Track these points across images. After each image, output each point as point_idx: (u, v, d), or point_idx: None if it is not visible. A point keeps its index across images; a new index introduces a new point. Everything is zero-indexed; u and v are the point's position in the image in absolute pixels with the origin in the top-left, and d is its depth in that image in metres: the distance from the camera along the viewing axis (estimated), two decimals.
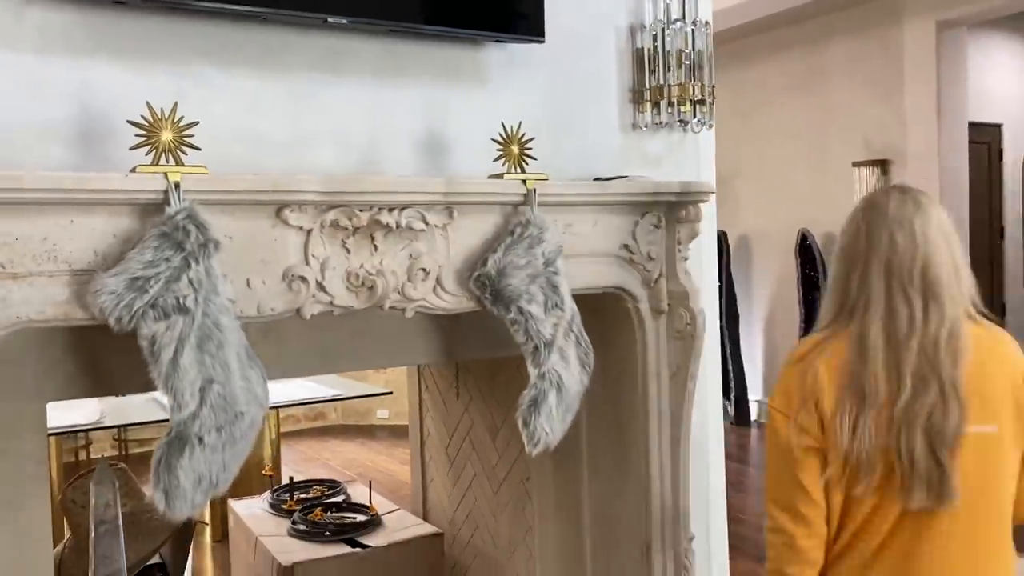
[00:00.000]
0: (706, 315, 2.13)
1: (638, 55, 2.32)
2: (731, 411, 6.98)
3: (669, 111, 2.28)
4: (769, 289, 6.89)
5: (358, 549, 2.44)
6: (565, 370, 1.84)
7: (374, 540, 2.50)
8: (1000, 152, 6.27)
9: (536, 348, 1.81)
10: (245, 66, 1.82)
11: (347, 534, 2.52)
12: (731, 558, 3.64)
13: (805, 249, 6.27)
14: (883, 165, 5.90)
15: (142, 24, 1.72)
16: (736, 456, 6.47)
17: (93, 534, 1.78)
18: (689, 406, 2.11)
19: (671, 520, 2.09)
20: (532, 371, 1.82)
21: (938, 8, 5.49)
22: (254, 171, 1.74)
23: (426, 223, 1.75)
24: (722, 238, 6.96)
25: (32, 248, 1.42)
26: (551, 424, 1.81)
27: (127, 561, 1.76)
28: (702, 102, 2.29)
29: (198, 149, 1.51)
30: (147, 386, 1.57)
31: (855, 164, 6.01)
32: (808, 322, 6.26)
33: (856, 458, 1.39)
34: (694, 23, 2.27)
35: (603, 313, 2.08)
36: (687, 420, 2.11)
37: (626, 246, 2.03)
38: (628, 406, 2.10)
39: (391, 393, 4.74)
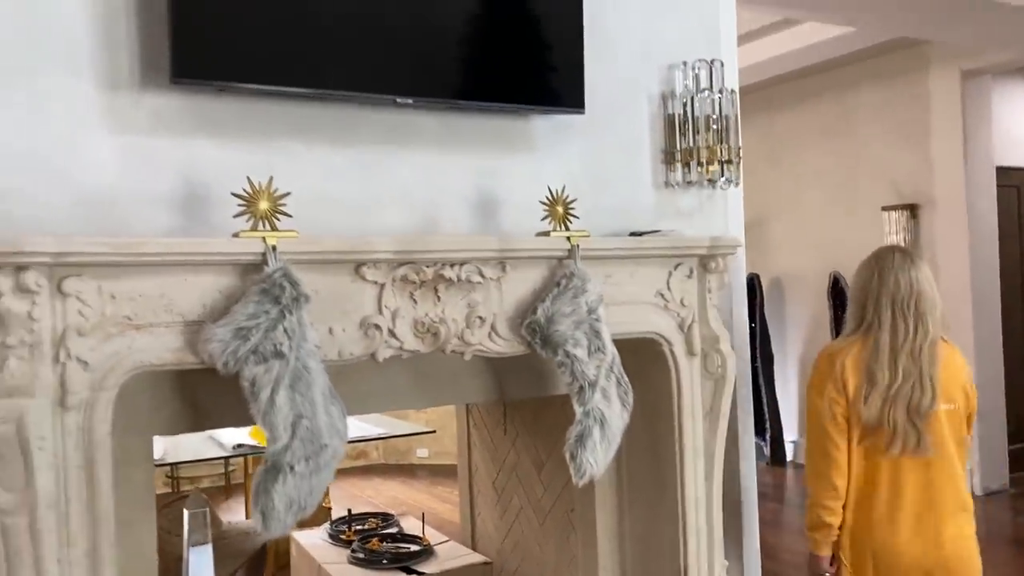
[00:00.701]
0: (736, 357, 2.33)
1: (669, 120, 2.55)
2: (766, 451, 7.06)
3: (699, 170, 2.50)
4: (802, 330, 7.01)
5: (413, 575, 2.63)
6: (607, 408, 2.04)
7: (428, 568, 2.69)
8: None
9: (581, 388, 2.02)
10: (325, 140, 2.08)
11: (403, 562, 2.72)
12: None
13: (837, 291, 6.39)
14: (912, 209, 6.05)
15: (237, 107, 2.00)
16: (772, 496, 6.55)
17: (187, 553, 2.00)
18: (721, 442, 2.30)
19: (705, 548, 2.26)
20: (578, 409, 2.02)
21: (963, 58, 5.67)
22: (332, 231, 1.99)
23: (482, 276, 1.98)
24: (755, 280, 7.11)
25: (152, 303, 1.67)
26: (595, 457, 2.01)
27: None
28: (729, 162, 2.51)
29: (290, 216, 1.77)
30: (241, 421, 1.82)
31: (884, 208, 6.16)
32: None
33: (865, 421, 2.14)
34: (720, 91, 2.50)
35: (641, 355, 2.28)
36: (719, 455, 2.29)
37: (661, 294, 2.24)
38: (664, 441, 2.28)
39: (434, 432, 4.94)
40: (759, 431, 7.15)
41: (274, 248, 1.71)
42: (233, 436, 4.09)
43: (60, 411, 1.59)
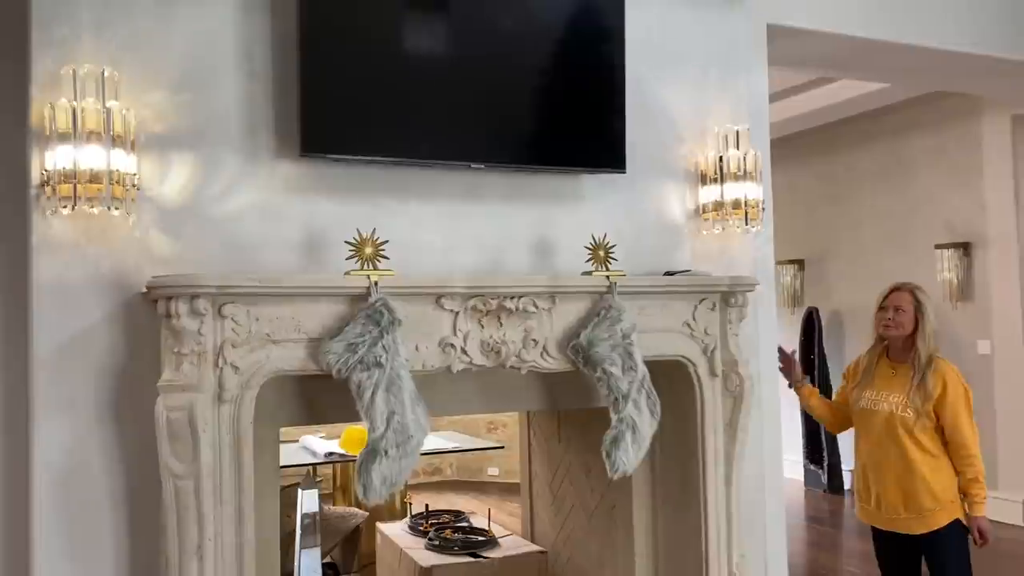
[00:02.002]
0: (760, 378, 2.75)
1: (701, 176, 3.00)
2: (824, 479, 7.28)
3: (727, 220, 2.94)
4: None
5: (480, 559, 3.10)
6: (638, 416, 2.49)
7: (492, 554, 3.15)
8: None
9: (616, 399, 2.48)
10: (414, 197, 2.62)
11: (471, 549, 3.19)
12: None
13: None
14: (965, 247, 6.27)
15: (347, 172, 2.55)
16: (829, 521, 6.78)
17: (300, 525, 2.53)
18: (741, 451, 2.71)
19: (724, 541, 2.67)
20: (613, 416, 2.48)
21: (1014, 104, 5.90)
22: (420, 270, 2.51)
23: (536, 307, 2.46)
24: (814, 314, 7.40)
25: (285, 324, 2.21)
26: (627, 456, 2.46)
27: None
28: (753, 210, 2.94)
29: (387, 258, 2.29)
30: (343, 418, 2.34)
31: (937, 246, 6.40)
32: None
33: None
34: (745, 153, 2.94)
35: (671, 376, 2.72)
36: (738, 462, 2.70)
37: (687, 324, 2.68)
38: (690, 450, 2.70)
39: (503, 447, 5.41)
40: (816, 460, 7.39)
41: (376, 283, 2.23)
42: (325, 446, 4.64)
43: (218, 404, 2.14)
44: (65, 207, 2.17)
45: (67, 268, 2.24)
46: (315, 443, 5.06)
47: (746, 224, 2.93)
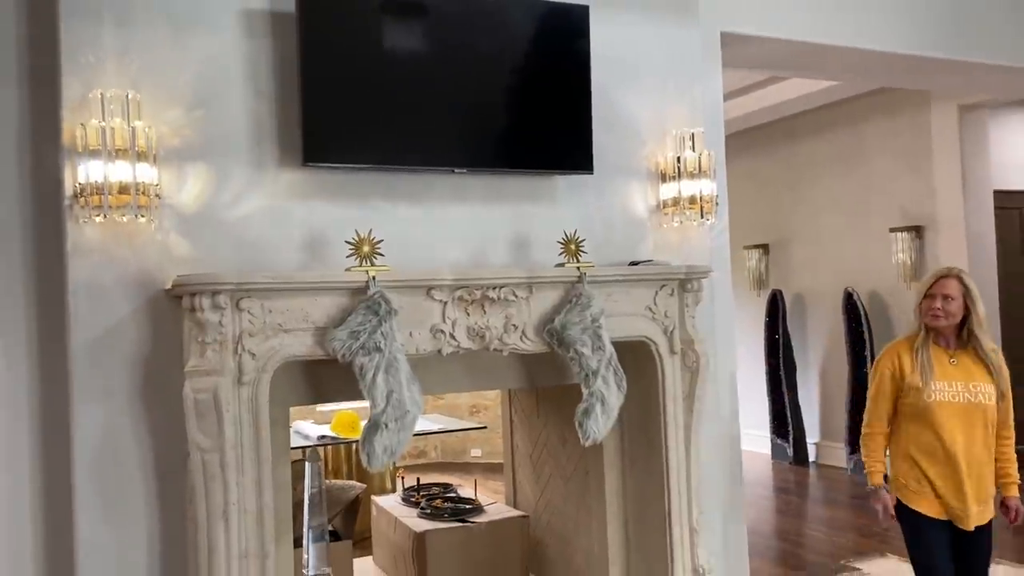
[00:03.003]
0: (716, 354, 3.08)
1: (661, 174, 3.33)
2: (790, 451, 7.70)
3: (684, 213, 3.27)
4: (822, 341, 7.63)
5: (468, 524, 3.43)
6: (607, 390, 2.82)
7: (478, 520, 3.49)
8: None
9: (587, 376, 2.80)
10: (405, 199, 2.92)
11: (459, 515, 3.52)
12: (782, 568, 4.55)
13: (851, 306, 7.02)
14: (917, 230, 6.67)
15: (345, 178, 2.85)
16: (795, 492, 7.20)
17: (307, 494, 2.84)
18: (698, 420, 3.05)
19: (685, 499, 3.02)
20: (584, 391, 2.81)
21: (961, 95, 6.29)
22: (411, 265, 2.82)
23: (515, 296, 2.78)
24: (778, 296, 7.78)
25: (295, 315, 2.52)
26: (597, 425, 2.79)
27: None
28: (707, 205, 3.27)
29: (383, 255, 2.60)
30: (344, 397, 2.64)
31: (892, 230, 6.79)
32: (855, 371, 6.99)
33: None
34: (700, 154, 3.27)
35: (637, 354, 3.06)
36: (696, 430, 3.04)
37: (649, 308, 3.01)
38: (653, 419, 3.04)
39: (485, 427, 5.74)
40: (783, 434, 7.81)
41: (374, 278, 2.54)
42: (316, 430, 4.94)
43: (238, 386, 2.44)
44: (97, 216, 2.45)
45: (98, 270, 2.53)
46: (307, 427, 5.36)
47: (701, 217, 3.26)
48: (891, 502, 2.82)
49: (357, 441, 2.63)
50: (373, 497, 4.03)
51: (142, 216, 2.50)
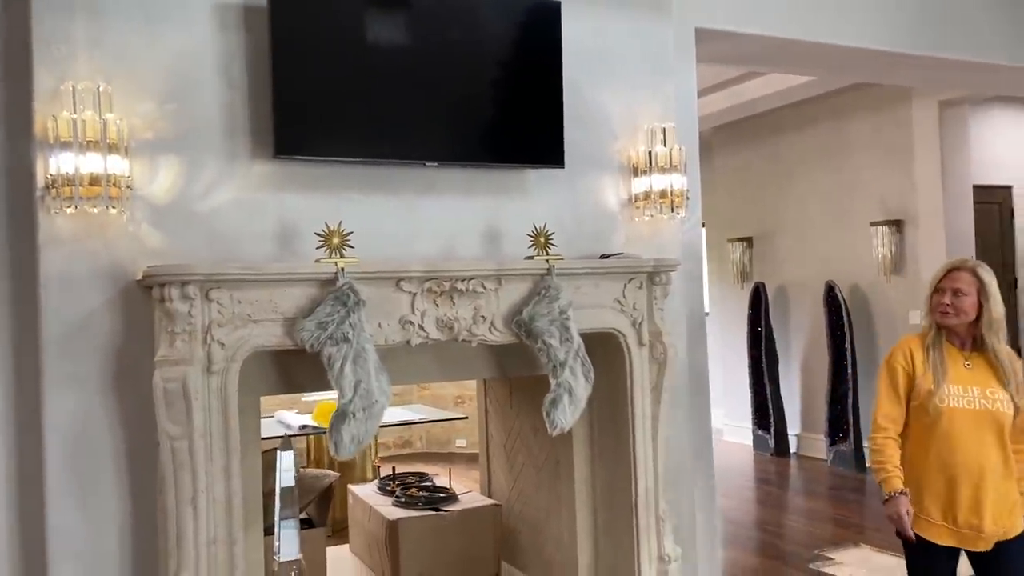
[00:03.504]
0: (687, 346, 3.12)
1: (633, 168, 3.37)
2: (771, 443, 7.77)
3: (655, 207, 3.31)
4: (805, 333, 7.70)
5: (440, 513, 3.48)
6: (574, 381, 2.87)
7: (452, 508, 3.54)
8: (1011, 211, 6.99)
9: (555, 367, 2.85)
10: (377, 191, 2.96)
11: (433, 504, 3.57)
12: (757, 557, 4.62)
13: (832, 299, 7.08)
14: (897, 224, 6.73)
15: (317, 170, 2.88)
16: (775, 482, 7.28)
17: (279, 483, 2.88)
18: (666, 410, 3.10)
19: (652, 489, 3.07)
20: (552, 381, 2.86)
21: (941, 91, 6.34)
22: (383, 256, 2.85)
23: (484, 288, 2.83)
24: (761, 288, 7.84)
25: (264, 306, 2.55)
26: (564, 415, 2.84)
27: None
28: (678, 199, 3.31)
29: (352, 247, 2.64)
30: (315, 387, 2.68)
31: (872, 224, 6.85)
32: (836, 364, 7.05)
33: None
34: (671, 149, 3.31)
35: (606, 345, 3.10)
36: (664, 420, 3.09)
37: (618, 300, 3.06)
38: (622, 409, 3.09)
39: (466, 417, 5.80)
40: (764, 426, 7.88)
41: (343, 270, 2.58)
42: (299, 419, 4.99)
43: (207, 375, 2.48)
44: (68, 207, 2.48)
45: (70, 261, 2.56)
46: (290, 417, 5.41)
47: (672, 211, 3.30)
48: (909, 507, 2.50)
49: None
50: (350, 486, 4.08)
51: (113, 208, 2.53)
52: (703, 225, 9.58)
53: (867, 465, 6.72)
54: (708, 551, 3.66)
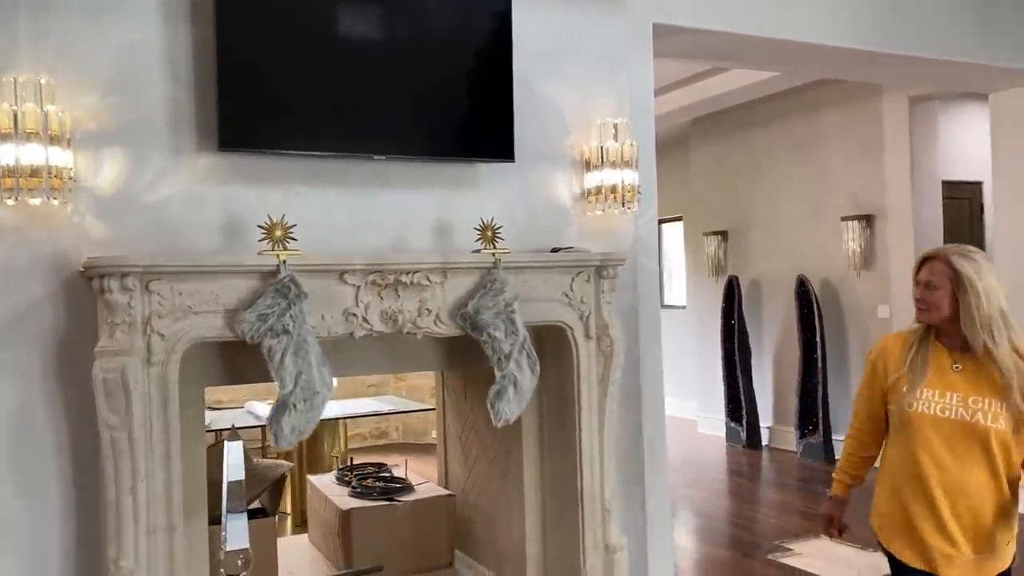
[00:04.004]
0: (640, 339, 3.15)
1: (585, 163, 3.39)
2: (743, 435, 7.83)
3: (607, 202, 3.34)
4: (777, 327, 7.76)
5: (394, 502, 3.51)
6: (520, 373, 2.90)
7: (406, 498, 3.57)
8: (981, 207, 7.04)
9: (499, 359, 2.88)
10: (324, 184, 2.97)
11: (388, 494, 3.60)
12: (714, 547, 4.67)
13: (803, 292, 7.13)
14: (868, 219, 6.78)
15: (262, 163, 2.90)
16: (747, 475, 7.34)
17: (226, 477, 2.90)
18: (612, 403, 3.13)
19: (598, 479, 3.11)
20: (497, 374, 2.89)
21: (911, 86, 6.38)
22: (330, 249, 2.87)
23: (429, 281, 2.85)
24: (734, 282, 7.89)
25: (205, 297, 2.57)
26: (508, 407, 2.87)
27: None
28: (629, 194, 3.34)
29: (295, 240, 2.65)
30: (259, 378, 2.71)
31: (843, 218, 6.90)
32: (806, 357, 7.11)
33: None
34: (623, 144, 3.33)
35: (554, 338, 3.14)
36: (610, 412, 3.13)
37: (566, 294, 3.08)
38: (569, 402, 3.13)
39: (433, 409, 5.82)
40: (736, 418, 7.94)
41: (284, 262, 2.60)
42: (268, 410, 5.00)
43: (147, 366, 2.50)
44: (9, 199, 2.49)
45: (13, 252, 2.58)
46: (259, 408, 5.43)
47: (623, 206, 3.33)
48: (837, 513, 2.41)
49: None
50: (309, 476, 4.11)
51: (55, 199, 2.54)
52: (680, 219, 9.62)
53: (836, 458, 6.78)
54: (660, 542, 3.70)
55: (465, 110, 3.11)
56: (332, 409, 5.96)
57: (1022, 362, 2.13)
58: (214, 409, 6.45)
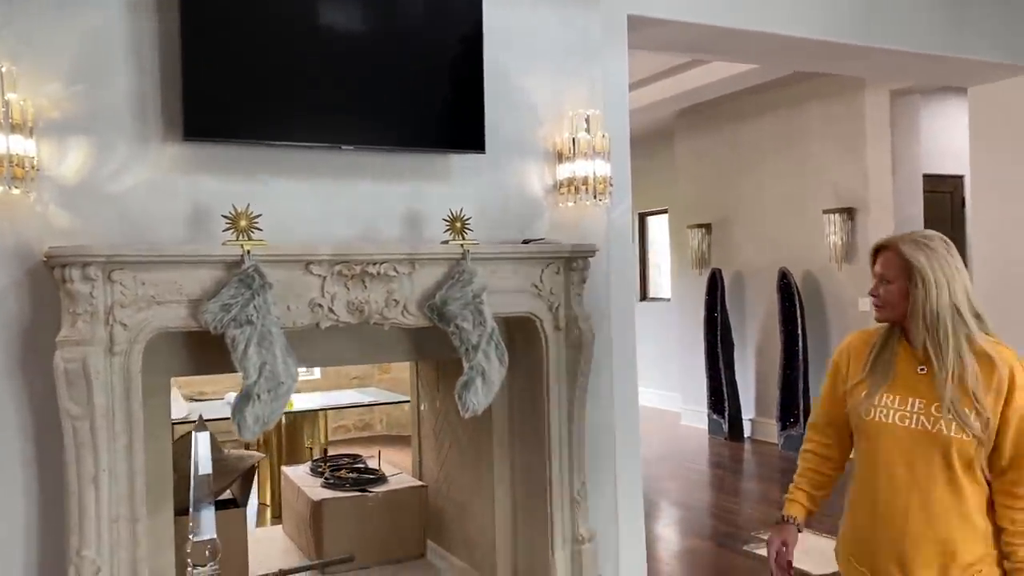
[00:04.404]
0: (612, 331, 3.15)
1: (558, 155, 3.39)
2: (725, 427, 7.86)
3: (579, 194, 3.33)
4: (759, 320, 7.78)
5: (367, 493, 3.52)
6: (488, 364, 2.90)
7: (378, 489, 3.58)
8: (963, 200, 7.06)
9: (467, 350, 2.88)
10: (292, 175, 2.96)
11: (361, 486, 3.60)
12: (692, 538, 4.68)
13: (785, 285, 7.15)
14: (849, 212, 6.80)
15: (229, 153, 2.88)
16: (729, 467, 7.37)
17: (194, 468, 2.90)
18: (582, 393, 3.14)
19: (567, 470, 3.11)
20: (465, 365, 2.89)
21: (893, 80, 6.39)
22: (299, 239, 2.86)
23: (397, 271, 2.85)
24: (717, 275, 7.90)
25: (169, 287, 2.56)
26: (476, 398, 2.87)
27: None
28: (602, 186, 3.34)
29: (261, 230, 2.65)
30: (225, 368, 2.70)
31: (825, 211, 6.91)
32: (787, 350, 7.13)
33: None
34: (595, 135, 3.33)
35: (524, 330, 3.14)
36: (580, 403, 3.13)
37: (535, 285, 3.09)
38: (539, 393, 3.13)
39: (408, 401, 5.83)
40: (719, 410, 7.97)
41: (248, 252, 2.59)
42: None
43: (109, 356, 2.49)
44: None
45: None
46: None
47: (595, 198, 3.33)
48: (788, 539, 2.06)
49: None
50: (283, 468, 4.11)
51: (17, 188, 2.52)
52: (666, 212, 9.62)
53: None
54: (632, 534, 3.71)
55: (435, 101, 3.10)
56: (313, 401, 5.97)
57: (979, 367, 1.83)
58: (197, 400, 6.45)
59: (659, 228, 9.61)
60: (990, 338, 1.89)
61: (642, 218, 9.59)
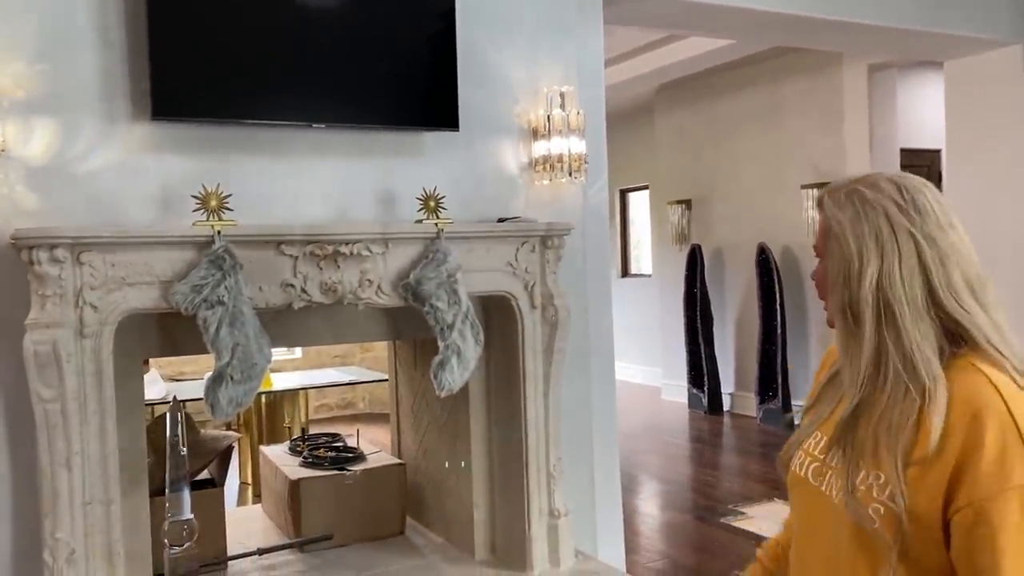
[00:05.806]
0: (589, 310, 3.16)
1: (533, 132, 3.37)
2: (704, 401, 7.93)
3: (554, 171, 3.33)
4: (739, 295, 7.83)
5: (344, 472, 3.52)
6: (463, 343, 2.90)
7: (357, 467, 3.58)
8: (940, 174, 7.10)
9: (442, 329, 2.88)
10: (263, 153, 2.94)
11: (340, 464, 3.61)
12: (671, 511, 4.72)
13: (763, 261, 7.20)
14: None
15: (198, 132, 2.85)
16: (708, 441, 7.45)
17: (168, 450, 2.90)
18: (557, 370, 3.15)
19: (544, 446, 3.13)
20: (440, 344, 2.89)
21: (871, 55, 6.40)
22: (270, 219, 2.85)
23: (370, 251, 2.83)
24: (697, 250, 7.94)
25: (139, 269, 2.54)
26: (452, 377, 2.87)
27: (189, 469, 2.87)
28: (577, 164, 3.33)
29: (231, 210, 2.62)
30: (197, 350, 2.69)
31: (804, 187, 6.94)
32: (766, 324, 7.19)
33: None
34: (570, 112, 3.31)
35: (500, 308, 3.14)
36: (555, 380, 3.15)
37: (510, 264, 3.08)
38: (515, 371, 3.14)
39: (386, 380, 5.84)
40: (698, 384, 8.03)
41: (219, 232, 2.57)
42: None
43: (80, 338, 2.47)
44: None
45: None
46: None
47: (570, 175, 3.32)
48: None
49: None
50: (261, 447, 4.11)
51: None
52: (647, 188, 9.63)
53: (795, 424, 6.91)
54: (609, 509, 3.75)
55: (408, 78, 3.07)
56: (292, 380, 5.96)
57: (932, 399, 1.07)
58: (177, 380, 6.42)
59: (640, 204, 9.62)
60: (996, 364, 1.10)
61: (623, 194, 9.61)
